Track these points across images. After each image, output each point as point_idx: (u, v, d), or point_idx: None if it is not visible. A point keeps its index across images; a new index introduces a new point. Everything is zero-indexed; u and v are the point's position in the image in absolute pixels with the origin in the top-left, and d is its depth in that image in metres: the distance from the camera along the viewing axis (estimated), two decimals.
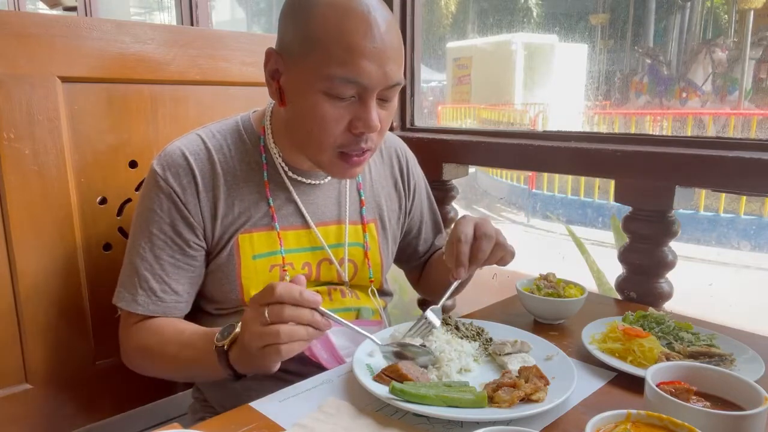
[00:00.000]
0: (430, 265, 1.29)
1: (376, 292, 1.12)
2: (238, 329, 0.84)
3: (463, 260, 0.95)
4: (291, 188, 1.03)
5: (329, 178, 1.07)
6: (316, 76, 0.87)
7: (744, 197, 5.93)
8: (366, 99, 0.88)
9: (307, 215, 1.04)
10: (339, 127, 0.90)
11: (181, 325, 0.98)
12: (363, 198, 1.11)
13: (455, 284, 0.99)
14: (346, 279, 1.08)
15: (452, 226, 1.01)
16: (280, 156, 1.02)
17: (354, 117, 0.89)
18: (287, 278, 1.01)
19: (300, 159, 1.02)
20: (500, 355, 0.90)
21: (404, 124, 1.79)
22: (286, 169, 1.03)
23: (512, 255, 1.00)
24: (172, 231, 0.97)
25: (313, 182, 1.05)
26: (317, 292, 1.05)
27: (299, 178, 1.04)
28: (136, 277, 0.97)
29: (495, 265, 1.01)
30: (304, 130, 0.93)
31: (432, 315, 0.96)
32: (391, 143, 1.22)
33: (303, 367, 0.96)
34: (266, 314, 0.77)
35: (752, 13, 9.99)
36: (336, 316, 0.83)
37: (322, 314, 0.80)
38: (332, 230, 1.07)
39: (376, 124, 0.89)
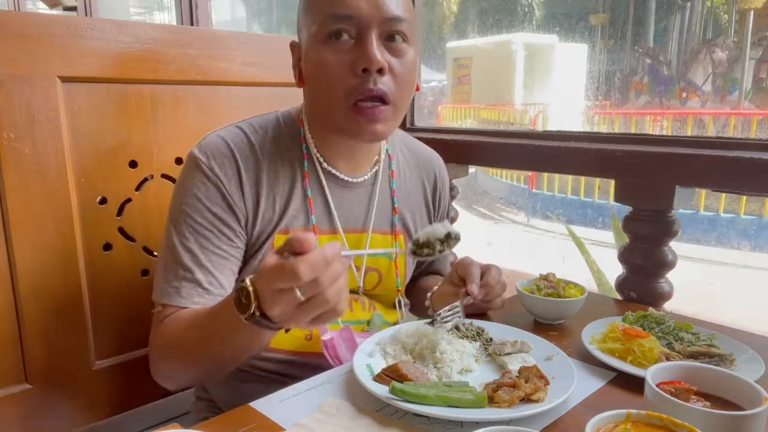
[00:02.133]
0: (416, 292, 1.24)
1: (401, 302, 1.11)
2: (249, 286, 0.71)
3: (474, 278, 0.96)
4: (326, 188, 1.01)
5: (365, 177, 1.05)
6: (314, 27, 0.90)
7: (744, 197, 5.94)
8: (364, 36, 0.89)
9: (336, 219, 1.02)
10: (342, 70, 0.89)
11: (196, 309, 0.90)
12: (396, 206, 1.09)
13: (466, 299, 0.97)
14: (362, 286, 1.07)
15: (452, 267, 1.03)
16: (315, 147, 1.01)
17: (356, 58, 0.89)
18: None
19: (333, 151, 1.01)
20: (500, 355, 0.90)
21: (404, 124, 1.79)
22: (321, 160, 1.01)
23: (503, 303, 1.05)
24: (218, 220, 0.93)
25: (347, 179, 1.03)
26: None
27: (334, 171, 1.02)
28: (180, 269, 0.91)
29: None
30: (316, 87, 0.94)
31: (461, 305, 0.97)
32: (434, 162, 1.21)
33: (306, 370, 0.94)
34: (298, 294, 0.66)
35: (752, 13, 10.02)
36: (353, 251, 0.90)
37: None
38: (357, 238, 1.05)
39: (378, 58, 0.88)
